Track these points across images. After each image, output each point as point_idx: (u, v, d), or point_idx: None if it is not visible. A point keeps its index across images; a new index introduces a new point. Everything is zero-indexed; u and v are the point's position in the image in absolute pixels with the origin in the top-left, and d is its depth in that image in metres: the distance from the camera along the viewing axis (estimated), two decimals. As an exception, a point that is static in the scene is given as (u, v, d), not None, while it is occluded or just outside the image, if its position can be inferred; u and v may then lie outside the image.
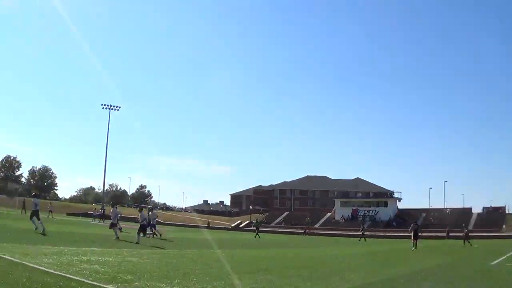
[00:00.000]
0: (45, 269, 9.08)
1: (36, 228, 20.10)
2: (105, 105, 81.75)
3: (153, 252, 16.60)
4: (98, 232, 27.23)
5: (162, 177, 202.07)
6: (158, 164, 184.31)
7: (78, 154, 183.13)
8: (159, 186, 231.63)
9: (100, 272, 9.58)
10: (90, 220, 54.22)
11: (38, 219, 20.41)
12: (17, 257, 10.34)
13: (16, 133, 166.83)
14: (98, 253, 13.66)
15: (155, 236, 26.26)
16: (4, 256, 10.21)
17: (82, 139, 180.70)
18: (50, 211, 48.37)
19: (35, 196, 23.36)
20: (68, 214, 70.33)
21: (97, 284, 8.04)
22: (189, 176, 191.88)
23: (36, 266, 9.28)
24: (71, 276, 8.54)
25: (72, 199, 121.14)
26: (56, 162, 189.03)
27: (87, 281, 8.20)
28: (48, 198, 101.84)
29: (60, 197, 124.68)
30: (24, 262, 9.64)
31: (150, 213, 27.30)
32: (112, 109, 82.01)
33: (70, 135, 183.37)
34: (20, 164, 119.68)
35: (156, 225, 28.37)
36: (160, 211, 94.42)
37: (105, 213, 51.94)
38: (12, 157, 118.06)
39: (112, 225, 22.47)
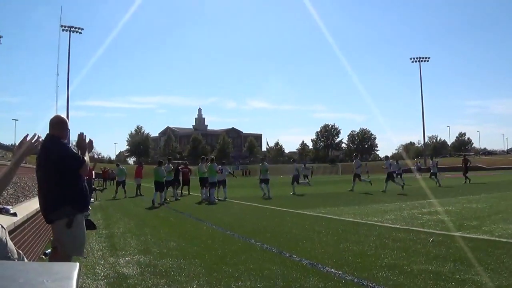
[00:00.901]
0: (391, 225, 9.71)
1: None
2: (414, 58, 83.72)
3: (492, 197, 15.85)
4: (422, 185, 27.45)
5: (481, 123, 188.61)
6: (473, 109, 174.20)
7: (393, 111, 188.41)
8: (478, 131, 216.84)
9: (444, 222, 9.77)
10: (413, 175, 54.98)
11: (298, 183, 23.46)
12: (358, 218, 11.23)
13: (328, 103, 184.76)
14: (436, 204, 13.90)
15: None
16: (347, 218, 11.23)
17: (394, 95, 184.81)
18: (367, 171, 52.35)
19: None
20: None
21: (446, 233, 8.21)
22: (506, 118, 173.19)
23: (380, 224, 9.96)
24: (418, 229, 8.98)
25: (394, 157, 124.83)
26: (374, 123, 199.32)
27: (435, 231, 8.46)
28: (370, 159, 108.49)
29: (382, 156, 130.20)
30: (367, 222, 10.43)
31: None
32: (421, 61, 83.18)
33: (382, 93, 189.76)
34: (339, 131, 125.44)
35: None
36: (483, 156, 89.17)
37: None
38: (330, 125, 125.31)
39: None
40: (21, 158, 3.16)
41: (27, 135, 3.17)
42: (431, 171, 26.54)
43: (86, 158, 4.52)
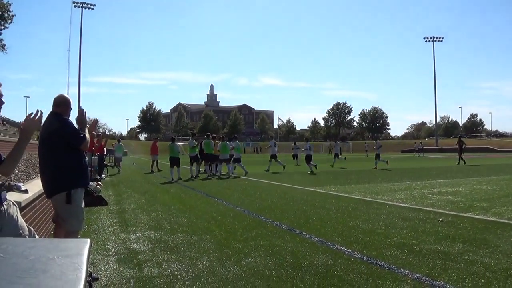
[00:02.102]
0: (401, 204, 9.72)
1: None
2: (428, 37, 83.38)
3: (502, 179, 15.77)
4: (435, 165, 27.36)
5: (493, 104, 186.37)
6: (486, 90, 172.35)
7: (406, 90, 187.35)
8: (490, 113, 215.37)
9: (454, 202, 9.74)
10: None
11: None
12: (368, 196, 11.30)
13: (341, 81, 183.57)
14: (446, 184, 13.86)
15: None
16: (357, 196, 11.27)
17: (407, 75, 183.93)
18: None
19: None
20: (403, 151, 72.46)
21: (456, 213, 8.19)
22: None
23: (390, 203, 9.98)
24: (427, 208, 8.97)
25: (405, 137, 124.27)
26: (386, 102, 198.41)
27: (444, 211, 8.44)
28: (381, 138, 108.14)
29: (393, 135, 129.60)
30: (377, 200, 10.46)
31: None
32: (435, 41, 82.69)
33: (395, 72, 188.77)
34: (351, 109, 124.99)
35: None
36: (494, 138, 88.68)
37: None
38: (342, 103, 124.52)
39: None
40: (26, 136, 3.19)
41: (31, 113, 3.22)
42: (376, 152, 25.57)
43: (86, 134, 4.67)
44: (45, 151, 4.58)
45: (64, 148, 4.47)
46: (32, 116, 3.19)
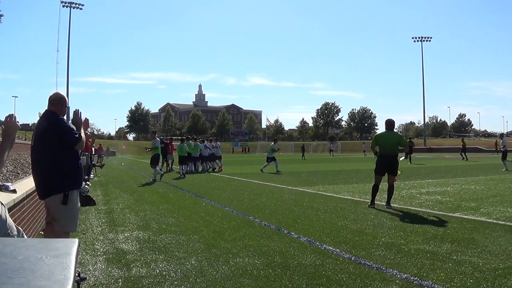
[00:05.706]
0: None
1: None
2: (416, 37, 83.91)
3: (490, 179, 15.94)
4: (423, 165, 27.56)
5: (482, 104, 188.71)
6: (474, 90, 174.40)
7: (394, 90, 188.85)
8: (478, 113, 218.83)
9: (442, 202, 9.82)
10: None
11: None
12: (356, 196, 11.38)
13: (329, 81, 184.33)
14: (435, 184, 13.97)
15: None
16: (345, 196, 11.33)
17: (396, 75, 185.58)
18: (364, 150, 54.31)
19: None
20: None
21: (444, 213, 8.25)
22: (507, 100, 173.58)
23: (378, 202, 9.83)
24: (416, 208, 9.02)
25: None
26: (375, 102, 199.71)
27: (433, 211, 8.50)
28: (369, 138, 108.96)
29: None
30: (366, 200, 10.37)
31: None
32: (424, 41, 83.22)
33: (383, 72, 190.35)
34: (339, 109, 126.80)
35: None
36: (482, 138, 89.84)
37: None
38: (330, 103, 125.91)
39: None
40: (8, 136, 3.16)
41: (10, 114, 3.20)
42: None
43: (82, 134, 4.59)
44: (39, 151, 4.46)
45: (59, 148, 4.37)
46: (9, 117, 3.17)
